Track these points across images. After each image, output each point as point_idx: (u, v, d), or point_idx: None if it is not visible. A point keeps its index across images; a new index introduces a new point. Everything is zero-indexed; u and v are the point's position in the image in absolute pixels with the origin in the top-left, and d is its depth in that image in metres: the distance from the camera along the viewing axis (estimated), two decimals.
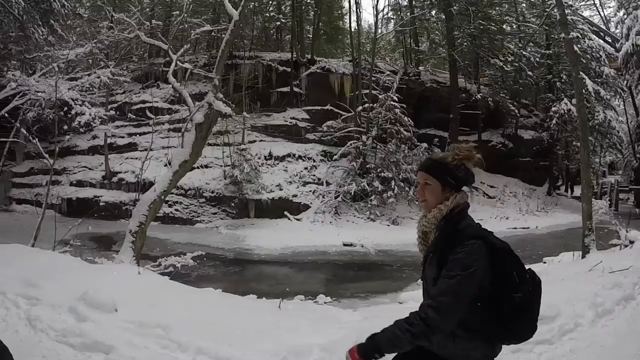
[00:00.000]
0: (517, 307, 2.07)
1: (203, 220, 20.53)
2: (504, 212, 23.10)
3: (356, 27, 28.12)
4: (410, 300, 7.88)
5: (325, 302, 9.84)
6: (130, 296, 5.92)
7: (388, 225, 20.08)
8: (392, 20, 33.60)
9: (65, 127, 15.50)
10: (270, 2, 30.10)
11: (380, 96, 22.49)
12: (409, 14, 28.55)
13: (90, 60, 19.84)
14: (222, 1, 18.74)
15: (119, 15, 19.39)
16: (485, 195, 24.08)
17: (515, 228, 20.62)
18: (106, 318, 5.09)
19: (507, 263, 2.10)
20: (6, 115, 14.04)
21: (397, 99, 22.20)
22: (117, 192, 21.68)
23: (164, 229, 18.12)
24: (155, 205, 11.52)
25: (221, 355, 4.55)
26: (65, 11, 18.00)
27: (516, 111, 26.11)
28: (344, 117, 23.58)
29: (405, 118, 22.09)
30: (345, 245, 16.98)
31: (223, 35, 24.25)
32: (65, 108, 14.99)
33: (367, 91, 22.92)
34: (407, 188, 20.88)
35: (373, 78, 23.76)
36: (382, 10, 29.21)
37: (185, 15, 18.64)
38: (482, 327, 2.08)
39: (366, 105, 22.38)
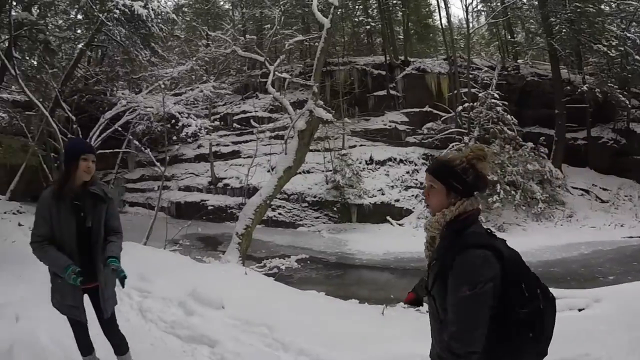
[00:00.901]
0: (522, 324, 1.87)
1: (305, 224, 20.87)
2: (618, 218, 20.12)
3: (447, 24, 27.26)
4: None
5: (427, 311, 9.38)
6: (237, 295, 6.06)
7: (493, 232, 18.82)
8: (483, 13, 31.89)
9: (174, 137, 16.64)
10: (357, 7, 30.07)
11: (480, 94, 21.41)
12: (499, 4, 26.64)
13: (194, 77, 21.11)
14: (310, 11, 19.28)
15: (215, 34, 20.49)
16: (598, 199, 21.49)
17: (631, 237, 17.92)
18: (213, 314, 5.28)
19: (516, 274, 1.91)
20: (119, 128, 15.43)
21: (497, 96, 20.95)
22: (223, 197, 23.01)
23: (267, 231, 18.58)
24: (261, 210, 11.92)
25: (323, 358, 4.47)
26: (164, 34, 19.26)
27: (627, 102, 22.66)
28: (443, 118, 22.85)
29: (508, 116, 20.67)
30: None
31: (315, 44, 24.98)
32: (173, 120, 16.12)
33: (466, 90, 22.01)
34: (513, 192, 19.33)
35: (470, 75, 22.75)
36: (471, 2, 27.56)
37: (278, 27, 19.11)
38: (485, 345, 1.85)
39: (466, 104, 21.47)
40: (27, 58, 20.95)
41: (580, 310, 5.77)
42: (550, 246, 16.40)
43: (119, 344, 3.35)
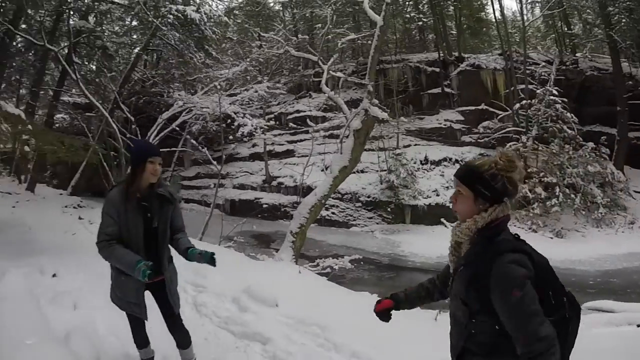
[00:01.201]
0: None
1: (359, 224, 20.66)
2: None
3: (500, 17, 25.72)
4: None
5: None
6: (290, 293, 6.03)
7: (551, 238, 17.64)
8: (538, 4, 30.38)
9: (230, 137, 16.94)
10: (408, 3, 29.46)
11: (537, 91, 20.37)
12: None
13: (249, 77, 21.42)
14: (361, 9, 19.07)
15: (269, 35, 20.70)
16: None
17: None
18: (267, 311, 5.27)
19: (544, 281, 1.87)
20: (176, 128, 15.83)
21: (556, 93, 19.86)
22: (277, 195, 23.27)
23: (320, 230, 18.52)
24: (316, 209, 11.84)
25: None
26: (217, 36, 19.58)
27: None
28: (500, 116, 21.99)
29: (568, 114, 19.58)
30: None
31: (367, 42, 24.78)
32: (229, 120, 16.33)
33: (523, 86, 21.07)
34: (572, 195, 18.30)
35: (527, 71, 21.73)
36: None
37: (330, 26, 19.01)
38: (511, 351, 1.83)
39: (524, 102, 20.49)
40: (87, 63, 21.97)
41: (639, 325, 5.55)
42: (610, 255, 15.51)
43: (183, 339, 3.36)
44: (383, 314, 2.50)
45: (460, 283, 1.97)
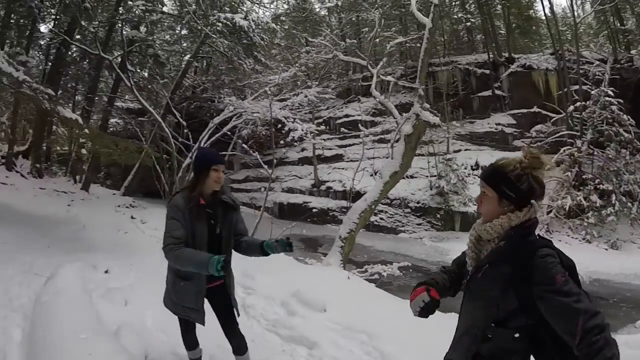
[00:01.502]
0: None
1: (407, 230, 20.30)
2: None
3: (550, 14, 24.36)
4: (623, 345, 6.33)
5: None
6: (339, 298, 5.97)
7: (606, 249, 16.55)
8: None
9: (282, 142, 17.15)
10: (455, 3, 28.89)
11: (592, 92, 19.21)
12: None
13: (298, 82, 21.60)
14: (408, 11, 18.83)
15: (318, 40, 20.78)
16: None
17: None
18: (315, 316, 5.26)
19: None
20: (228, 133, 16.12)
21: (612, 93, 18.69)
22: (325, 199, 23.20)
23: (368, 236, 18.24)
24: (366, 214, 11.72)
25: None
26: (265, 43, 19.83)
27: None
28: (553, 119, 20.98)
29: (624, 116, 18.32)
30: None
31: (415, 45, 24.47)
32: (279, 125, 16.48)
33: (576, 87, 20.01)
34: (629, 204, 17.11)
35: (580, 70, 20.58)
36: None
37: (378, 30, 18.86)
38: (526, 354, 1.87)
39: (577, 104, 19.41)
40: (139, 70, 22.69)
41: None
42: None
43: (239, 344, 3.32)
44: (429, 307, 2.17)
45: (489, 281, 1.92)
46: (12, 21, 18.63)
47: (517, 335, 1.85)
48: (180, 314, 3.20)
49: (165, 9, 22.97)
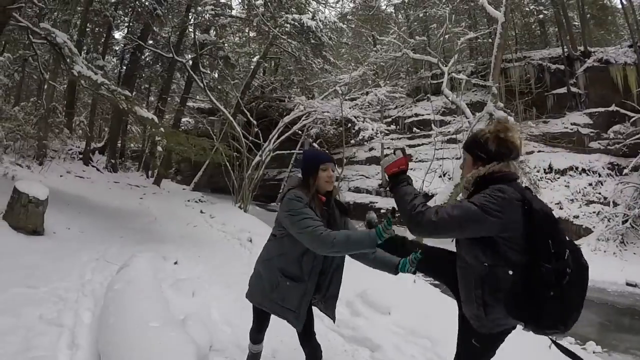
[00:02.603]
0: (544, 280, 1.98)
1: None
2: None
3: (626, 1, 22.52)
4: None
5: (594, 352, 8.23)
6: (403, 302, 5.90)
7: None
8: None
9: (352, 141, 17.14)
10: None
11: None
12: None
13: (369, 81, 21.55)
14: (477, 5, 18.12)
15: (389, 38, 20.58)
16: None
17: None
18: (379, 318, 5.22)
19: (544, 228, 2.06)
20: (299, 132, 16.30)
21: None
22: (391, 200, 22.26)
23: (434, 240, 17.78)
24: None
25: None
26: (333, 42, 19.89)
27: None
28: (633, 119, 19.36)
29: None
30: (628, 284, 13.73)
31: (486, 41, 23.67)
32: (348, 124, 16.46)
33: None
34: None
35: None
36: None
37: (449, 25, 18.38)
38: (506, 296, 2.08)
39: None
40: (210, 72, 23.44)
41: None
42: None
43: (314, 354, 3.16)
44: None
45: None
46: (88, 29, 19.85)
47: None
48: (277, 312, 2.99)
49: (233, 12, 23.65)
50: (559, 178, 19.77)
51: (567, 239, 2.08)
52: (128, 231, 8.99)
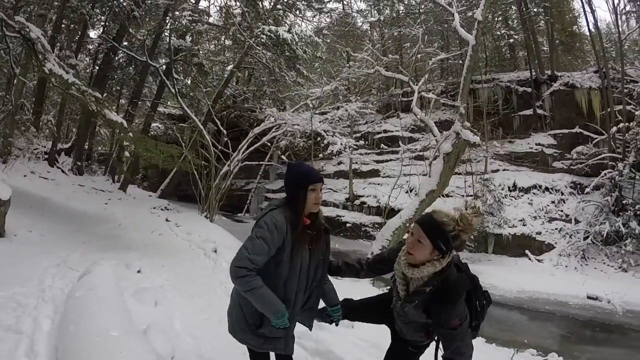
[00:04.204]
0: (474, 329, 2.64)
1: None
2: None
3: (594, 30, 23.58)
4: None
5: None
6: None
7: None
8: (633, 14, 27.62)
9: (320, 155, 17.23)
10: (497, 19, 28.25)
11: (636, 112, 18.34)
12: None
13: (340, 97, 21.75)
14: (450, 27, 18.62)
15: (362, 55, 20.91)
16: None
17: None
18: (342, 331, 5.22)
19: (478, 294, 2.60)
20: (268, 143, 16.34)
21: None
22: (358, 214, 23.02)
23: None
24: (399, 232, 11.72)
25: None
26: (307, 56, 20.10)
27: None
28: (595, 140, 20.21)
29: None
30: (589, 297, 14.01)
31: (456, 62, 24.20)
32: (318, 138, 16.58)
33: (620, 107, 19.21)
34: None
35: (625, 89, 19.68)
36: (618, 3, 24.10)
37: (422, 46, 18.81)
38: None
39: (620, 124, 18.71)
40: (183, 78, 23.27)
41: None
42: None
43: None
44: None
45: (415, 310, 2.56)
46: (63, 25, 19.48)
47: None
48: (263, 347, 2.74)
49: (211, 19, 23.60)
50: (522, 196, 20.27)
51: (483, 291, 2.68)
52: (91, 237, 8.84)
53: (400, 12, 29.03)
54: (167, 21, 20.27)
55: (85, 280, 4.16)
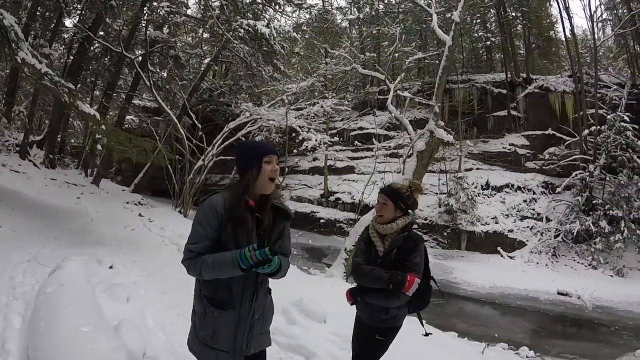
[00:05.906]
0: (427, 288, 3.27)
1: None
2: None
3: (570, 36, 24.15)
4: None
5: (527, 357, 8.74)
6: (339, 310, 5.79)
7: (611, 276, 16.40)
8: (609, 22, 28.35)
9: (295, 150, 17.20)
10: (476, 21, 28.76)
11: (608, 116, 18.95)
12: (626, 11, 22.92)
13: (316, 93, 21.72)
14: (428, 27, 18.82)
15: (339, 52, 20.93)
16: None
17: None
18: (315, 326, 5.27)
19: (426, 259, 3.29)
20: (242, 138, 16.28)
21: (627, 119, 18.32)
22: (333, 210, 23.24)
23: None
24: None
25: None
26: (285, 51, 20.01)
27: None
28: (567, 142, 20.82)
29: (639, 142, 18.14)
30: (559, 293, 14.52)
31: (433, 61, 24.43)
32: (293, 134, 16.55)
33: (593, 110, 19.80)
34: (638, 231, 16.79)
35: (598, 94, 20.38)
36: (595, 11, 24.74)
37: (399, 45, 18.92)
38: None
39: (592, 128, 19.30)
40: (159, 70, 22.93)
41: None
42: None
43: None
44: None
45: (391, 258, 3.11)
46: (38, 13, 18.97)
47: None
48: (208, 358, 2.37)
49: (189, 11, 23.31)
50: (495, 194, 20.74)
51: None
52: (63, 232, 8.71)
53: (380, 10, 29.23)
54: (145, 12, 19.95)
55: (56, 276, 4.11)
